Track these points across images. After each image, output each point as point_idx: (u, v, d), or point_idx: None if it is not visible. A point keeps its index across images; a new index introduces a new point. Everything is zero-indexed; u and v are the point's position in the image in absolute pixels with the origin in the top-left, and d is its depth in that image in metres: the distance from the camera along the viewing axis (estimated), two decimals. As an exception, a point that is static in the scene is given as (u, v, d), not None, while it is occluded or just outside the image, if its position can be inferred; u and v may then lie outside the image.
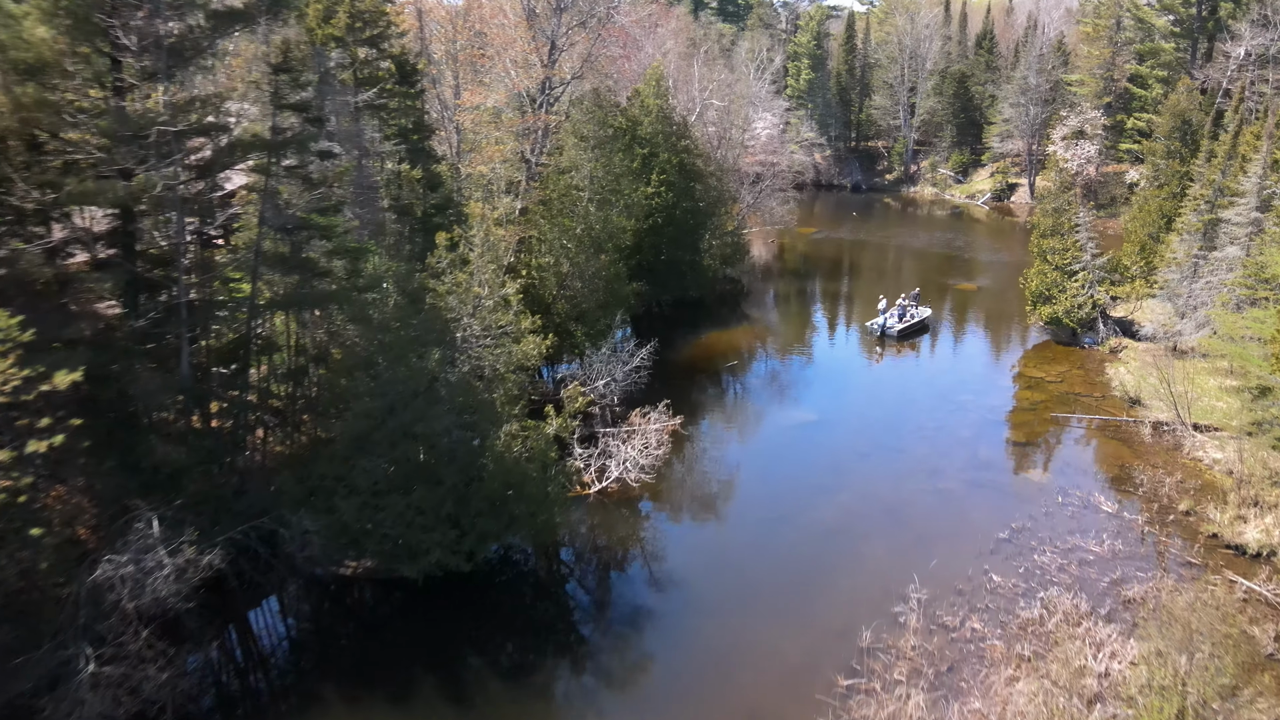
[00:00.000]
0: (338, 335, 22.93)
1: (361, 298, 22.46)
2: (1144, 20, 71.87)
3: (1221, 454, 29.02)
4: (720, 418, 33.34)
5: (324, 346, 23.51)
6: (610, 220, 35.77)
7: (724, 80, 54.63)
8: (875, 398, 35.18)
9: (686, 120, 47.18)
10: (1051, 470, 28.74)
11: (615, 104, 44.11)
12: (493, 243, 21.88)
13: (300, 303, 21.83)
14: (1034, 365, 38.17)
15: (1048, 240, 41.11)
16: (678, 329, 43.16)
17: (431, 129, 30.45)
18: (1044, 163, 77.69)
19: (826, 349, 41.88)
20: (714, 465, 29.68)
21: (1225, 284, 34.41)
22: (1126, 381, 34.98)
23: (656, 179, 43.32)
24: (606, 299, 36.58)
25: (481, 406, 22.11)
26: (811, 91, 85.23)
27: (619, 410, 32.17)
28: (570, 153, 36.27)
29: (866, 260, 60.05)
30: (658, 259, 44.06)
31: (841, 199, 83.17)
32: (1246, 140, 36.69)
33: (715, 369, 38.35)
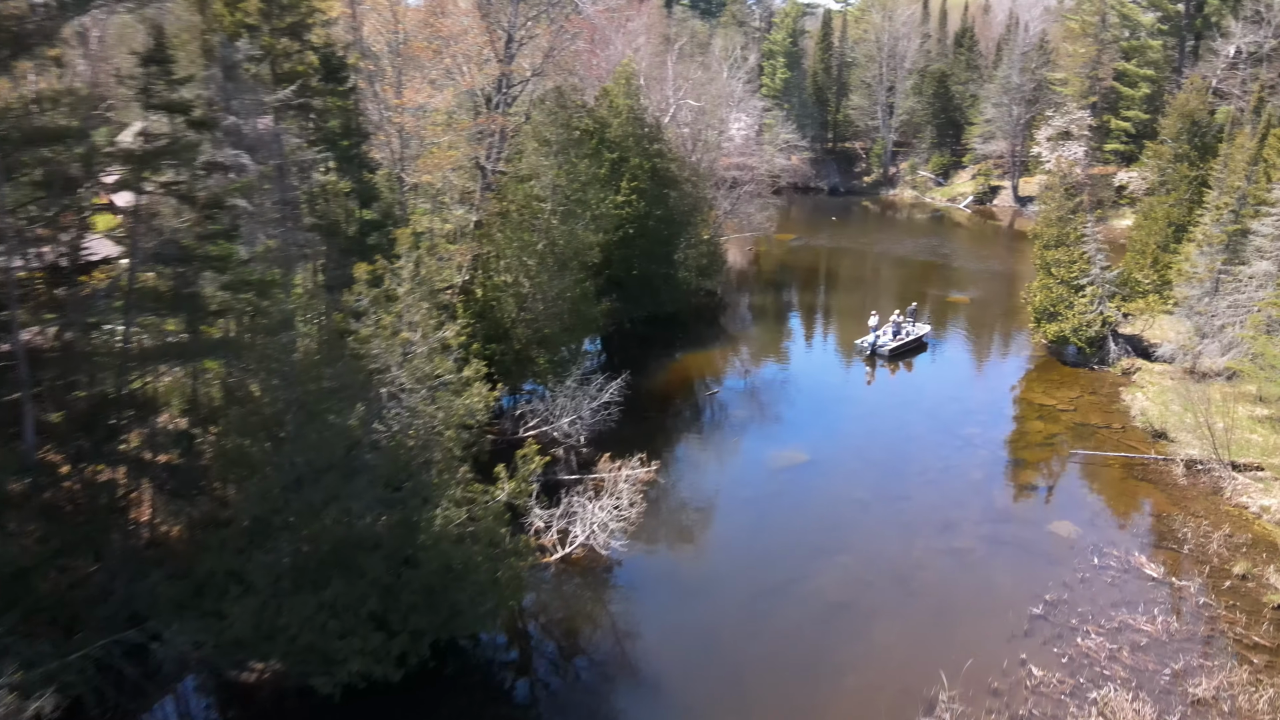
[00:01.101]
0: (236, 390, 18.46)
1: (266, 343, 18.04)
2: (1130, 17, 68.64)
3: (1270, 499, 25.33)
4: (701, 461, 29.17)
5: (220, 404, 19.05)
6: (576, 234, 31.48)
7: (698, 79, 50.49)
8: (872, 431, 31.18)
9: (659, 122, 43.00)
10: (1080, 522, 24.86)
11: (581, 104, 39.79)
12: (426, 276, 17.55)
13: (182, 353, 17.39)
14: (1041, 390, 34.38)
15: (1052, 252, 37.39)
16: (651, 350, 38.98)
17: (366, 133, 26.02)
18: (1028, 165, 74.36)
19: (814, 371, 37.88)
20: (695, 522, 25.51)
21: (1256, 303, 30.78)
22: (1148, 411, 31.26)
23: (627, 186, 39.10)
24: (572, 322, 32.34)
25: (414, 475, 17.82)
26: (787, 91, 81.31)
27: (586, 452, 27.95)
28: (531, 159, 31.96)
29: (848, 269, 56.21)
30: (629, 273, 39.84)
31: (819, 202, 79.39)
32: (1272, 144, 33.13)
33: (693, 398, 34.22)
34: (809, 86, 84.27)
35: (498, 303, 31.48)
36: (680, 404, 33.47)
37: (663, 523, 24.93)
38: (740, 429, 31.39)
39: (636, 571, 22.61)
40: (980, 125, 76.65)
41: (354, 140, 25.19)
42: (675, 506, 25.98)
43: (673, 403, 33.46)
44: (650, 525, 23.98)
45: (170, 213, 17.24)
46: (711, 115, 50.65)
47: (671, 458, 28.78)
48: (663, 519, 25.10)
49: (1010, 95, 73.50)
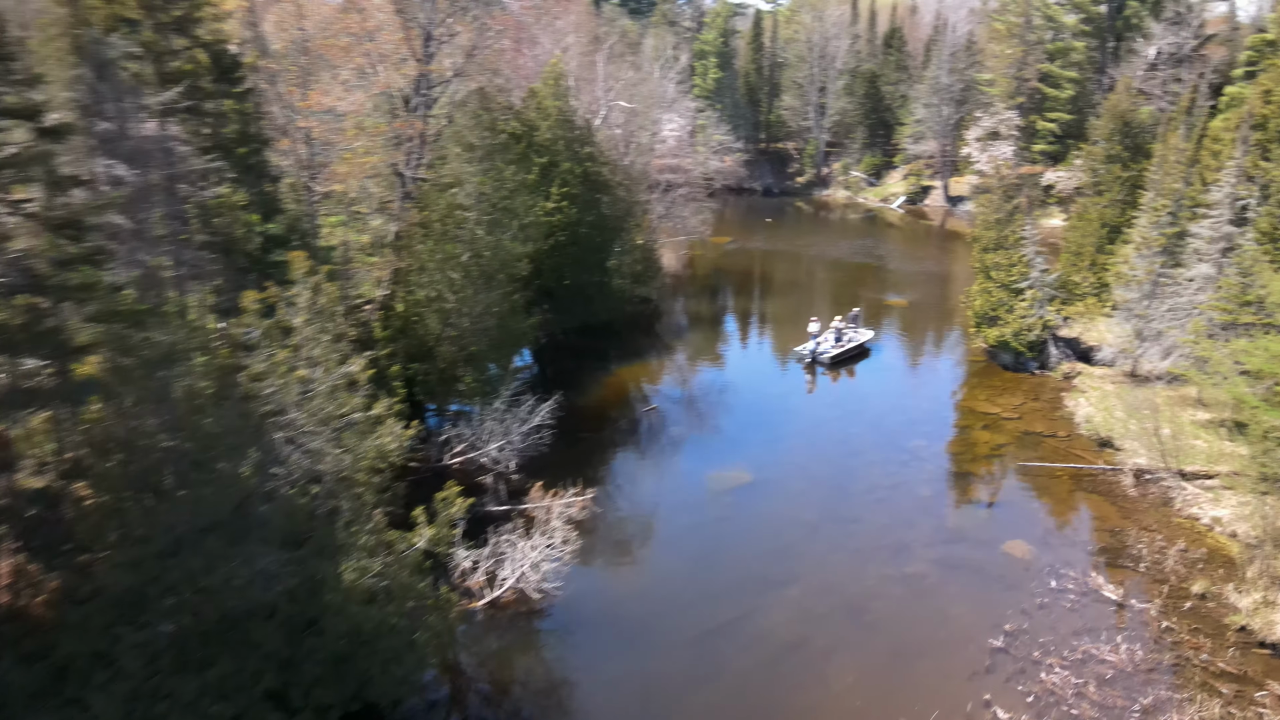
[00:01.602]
0: (108, 438, 16.01)
1: (142, 382, 15.66)
2: (1054, 19, 68.95)
3: (1220, 510, 24.58)
4: (640, 485, 27.37)
5: (89, 454, 16.56)
6: (502, 245, 29.41)
7: (630, 80, 48.71)
8: (817, 445, 29.79)
9: (590, 124, 41.09)
10: (1034, 540, 23.76)
11: (508, 106, 37.74)
12: (326, 304, 15.40)
13: (41, 397, 14.95)
14: (985, 397, 33.45)
15: (991, 255, 36.55)
16: (586, 362, 37.11)
17: (267, 139, 23.62)
18: (958, 165, 74.37)
19: (754, 380, 36.39)
20: (634, 555, 23.74)
21: (1197, 306, 30.21)
22: (1093, 418, 30.48)
23: (557, 192, 37.14)
24: (501, 338, 30.30)
25: (317, 529, 15.68)
26: (720, 91, 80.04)
27: (517, 479, 25.97)
28: (453, 165, 29.78)
29: (784, 272, 55.07)
30: (560, 283, 37.89)
31: (753, 203, 78.33)
32: (1207, 147, 32.70)
33: (630, 414, 32.43)
34: (741, 87, 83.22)
35: (420, 319, 29.30)
36: (617, 422, 31.65)
37: (600, 557, 23.09)
38: (680, 448, 29.71)
39: (572, 613, 20.71)
40: (911, 125, 76.45)
41: (253, 147, 22.81)
42: (613, 538, 24.16)
43: (609, 421, 31.63)
44: (587, 560, 22.12)
45: (22, 235, 14.76)
46: (644, 117, 48.94)
47: (608, 483, 26.95)
48: (599, 553, 23.26)
49: (939, 96, 73.38)
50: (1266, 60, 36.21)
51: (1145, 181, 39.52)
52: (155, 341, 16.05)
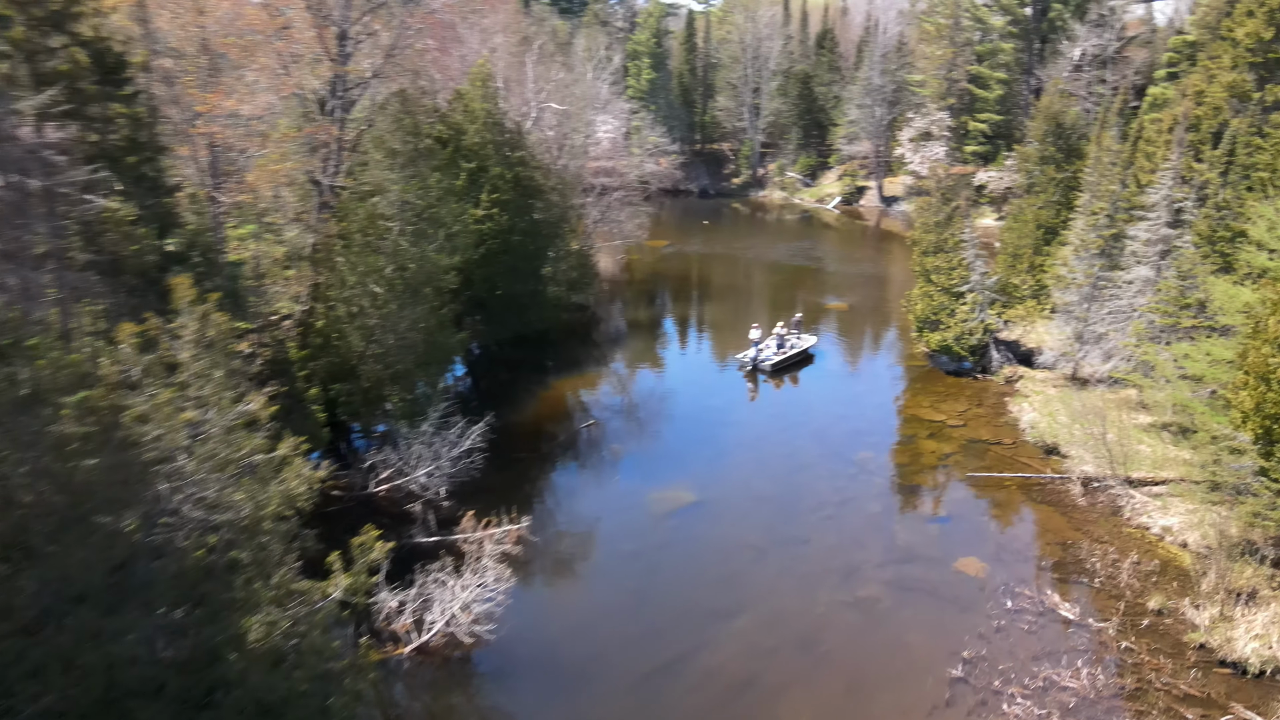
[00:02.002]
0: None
1: (5, 424, 13.64)
2: (982, 20, 69.37)
3: (1170, 519, 24.09)
4: (578, 510, 25.87)
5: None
6: (428, 257, 27.62)
7: (561, 81, 47.11)
8: (761, 460, 28.66)
9: (521, 127, 39.40)
10: (986, 557, 22.93)
11: (434, 109, 35.85)
12: (217, 336, 13.58)
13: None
14: (929, 403, 32.75)
15: (931, 259, 35.94)
16: (521, 376, 35.51)
17: (162, 146, 21.46)
18: (891, 165, 74.43)
19: (695, 391, 35.13)
20: (573, 587, 22.25)
21: (1137, 309, 29.89)
22: (1038, 424, 29.97)
23: (487, 199, 35.39)
24: (429, 354, 28.49)
25: (213, 589, 13.85)
26: (654, 92, 78.87)
27: (448, 507, 24.28)
28: (375, 172, 27.89)
29: (722, 276, 54.04)
30: (492, 293, 36.14)
31: (689, 205, 77.34)
32: (1142, 149, 32.48)
33: (568, 431, 30.89)
34: (675, 88, 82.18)
35: (341, 336, 27.38)
36: (554, 439, 30.09)
37: (536, 592, 21.56)
38: (620, 466, 28.29)
39: (507, 657, 19.14)
40: (844, 126, 76.33)
41: (144, 155, 20.67)
42: (550, 571, 22.65)
43: (546, 439, 30.05)
44: (522, 597, 20.55)
45: None
46: (577, 119, 47.38)
47: (545, 509, 25.43)
48: (536, 587, 21.73)
49: (872, 96, 73.36)
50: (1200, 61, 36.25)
51: (1080, 183, 39.47)
52: (21, 378, 14.04)
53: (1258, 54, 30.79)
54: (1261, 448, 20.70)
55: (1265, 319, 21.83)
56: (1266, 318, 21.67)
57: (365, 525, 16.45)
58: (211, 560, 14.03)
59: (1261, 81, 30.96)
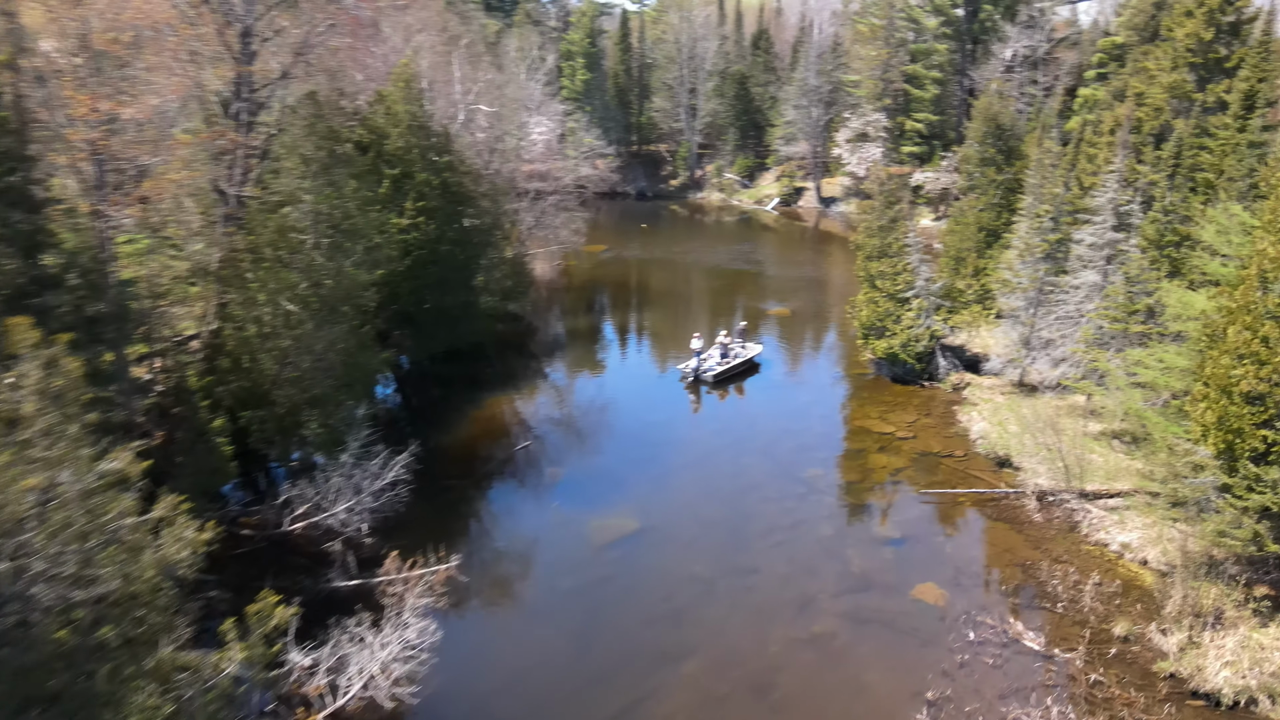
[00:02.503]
0: None
1: None
2: (916, 21, 69.05)
3: (1128, 534, 23.17)
4: (513, 543, 23.96)
5: None
6: (345, 272, 25.42)
7: (492, 81, 44.99)
8: (706, 481, 27.09)
9: (448, 130, 37.23)
10: (945, 583, 21.68)
11: (353, 111, 33.51)
12: (66, 388, 11.40)
13: None
14: (877, 414, 31.57)
15: (875, 264, 34.82)
16: (453, 392, 33.43)
17: (31, 156, 18.98)
18: (829, 166, 73.77)
19: (635, 406, 33.40)
20: (507, 634, 20.29)
21: (1085, 315, 29.08)
22: (988, 434, 28.99)
23: (412, 207, 33.16)
24: (349, 376, 26.29)
25: (73, 678, 11.70)
26: (589, 93, 76.99)
27: (371, 544, 22.23)
28: (286, 180, 25.56)
29: (662, 282, 52.40)
30: (420, 307, 33.93)
31: (627, 207, 75.69)
32: (1085, 151, 31.77)
33: (502, 453, 28.93)
34: (610, 88, 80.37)
35: (252, 359, 25.04)
36: (487, 464, 28.10)
37: (466, 640, 19.62)
38: (557, 491, 26.44)
39: (434, 718, 17.21)
40: (781, 127, 75.42)
41: (10, 166, 18.22)
42: (482, 614, 20.75)
43: (478, 463, 28.05)
44: (451, 646, 18.58)
45: None
46: (509, 121, 45.33)
47: (477, 543, 23.51)
48: (466, 634, 19.79)
49: (808, 97, 72.57)
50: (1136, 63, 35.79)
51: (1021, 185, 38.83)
52: None
53: (1198, 54, 30.26)
54: (1224, 464, 19.81)
55: (1223, 328, 21.00)
56: (1224, 327, 20.83)
57: (263, 591, 14.36)
58: (71, 645, 11.87)
59: (1202, 82, 30.46)
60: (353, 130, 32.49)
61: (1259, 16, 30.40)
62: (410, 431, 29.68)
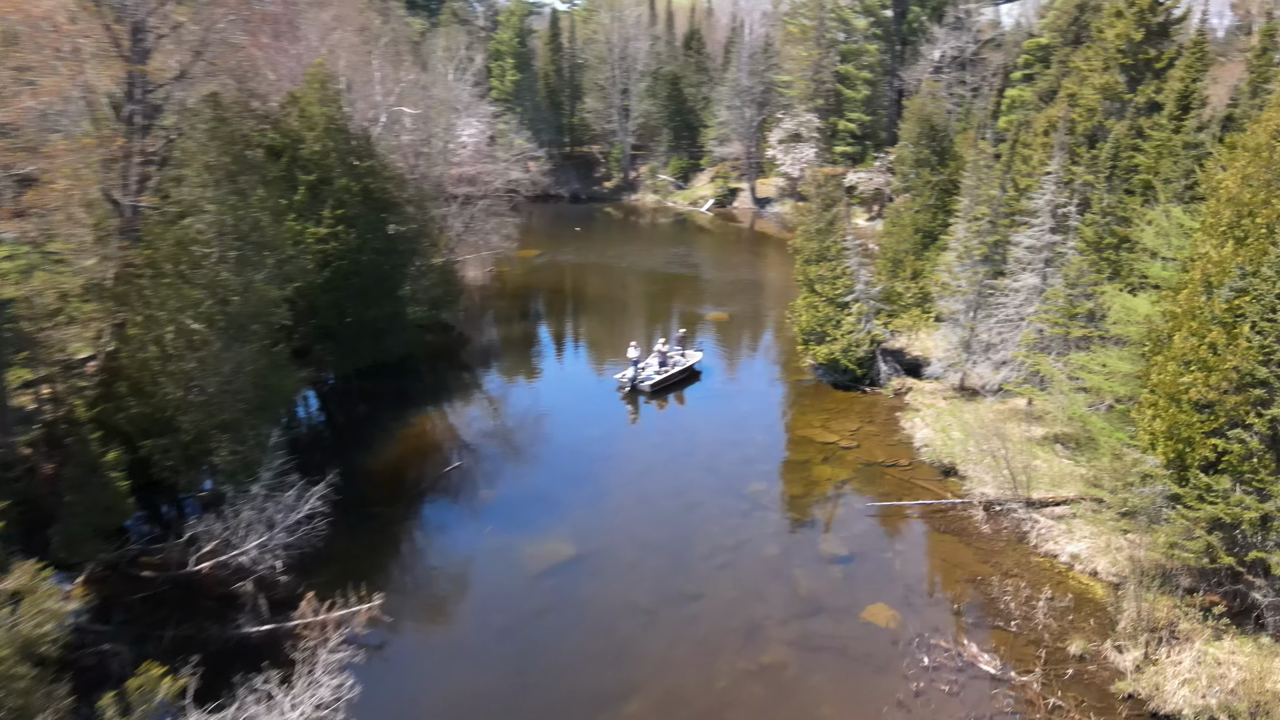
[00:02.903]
0: None
1: None
2: (846, 21, 68.92)
3: (1076, 545, 22.61)
4: (442, 575, 22.37)
5: None
6: (253, 288, 23.49)
7: (416, 82, 43.03)
8: (646, 500, 25.83)
9: (369, 133, 35.26)
10: (896, 602, 20.78)
11: (264, 114, 31.37)
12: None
13: None
14: (819, 423, 30.72)
15: (814, 268, 33.99)
16: (379, 409, 31.62)
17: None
18: (763, 166, 73.24)
19: (570, 419, 31.96)
20: (435, 681, 18.65)
21: (1025, 318, 28.63)
22: (932, 442, 28.33)
23: (330, 215, 31.18)
24: (261, 399, 24.36)
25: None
26: (519, 94, 75.17)
27: (285, 583, 20.47)
28: (187, 189, 23.52)
29: (598, 287, 51.04)
30: (342, 321, 32.00)
31: (560, 210, 74.12)
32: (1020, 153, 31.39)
33: (431, 475, 27.25)
34: (541, 89, 78.61)
35: (153, 383, 22.95)
36: (415, 487, 26.38)
37: (390, 689, 17.97)
38: (490, 515, 24.89)
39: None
40: (715, 128, 74.69)
41: None
42: (408, 658, 19.11)
43: (405, 487, 26.32)
44: (373, 697, 16.95)
45: None
46: (435, 123, 43.44)
47: (403, 578, 21.87)
48: (390, 681, 18.15)
49: (741, 97, 71.95)
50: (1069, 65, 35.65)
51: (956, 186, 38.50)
52: None
53: (1128, 55, 30.07)
54: (1174, 473, 19.29)
55: (1168, 333, 20.51)
56: (1170, 333, 20.34)
57: (145, 663, 12.61)
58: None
59: (1133, 83, 30.29)
60: (264, 134, 30.41)
61: (1188, 16, 30.39)
62: (333, 454, 27.86)
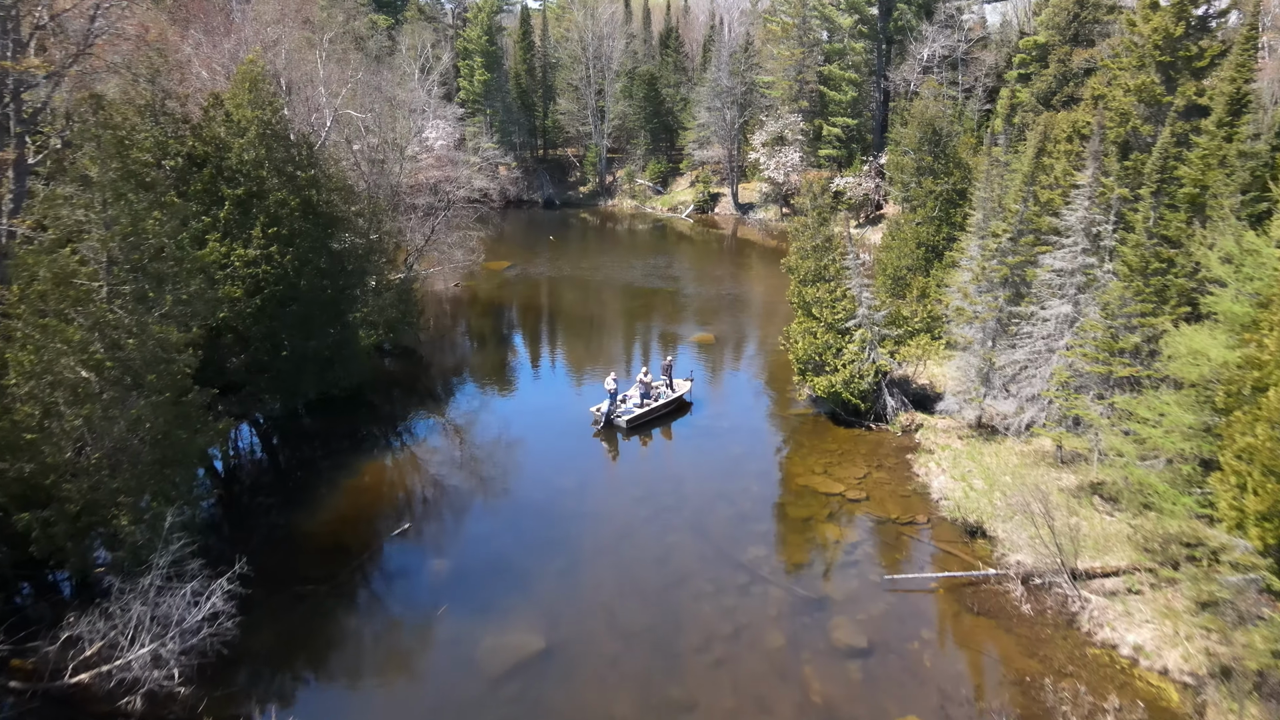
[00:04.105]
0: None
1: None
2: (830, 19, 65.18)
3: (1137, 633, 18.83)
4: (382, 679, 18.15)
5: None
6: (150, 330, 19.21)
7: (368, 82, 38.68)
8: (626, 572, 21.79)
9: (309, 140, 30.93)
10: (930, 715, 16.89)
11: (182, 119, 26.94)
12: None
13: None
14: (821, 467, 26.84)
15: (811, 289, 30.13)
16: (323, 453, 27.52)
17: None
18: (746, 170, 69.39)
19: (541, 466, 27.79)
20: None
21: (1057, 350, 24.86)
22: (951, 494, 24.53)
23: (261, 235, 26.88)
24: (166, 456, 20.09)
25: None
26: (489, 95, 70.92)
27: (185, 695, 16.30)
28: (67, 210, 19.23)
29: (573, 304, 46.93)
30: (277, 354, 27.71)
31: (534, 217, 70.00)
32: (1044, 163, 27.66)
33: (375, 540, 23.03)
34: (512, 89, 74.30)
35: (28, 444, 18.66)
36: (355, 556, 22.15)
37: None
38: (442, 592, 20.70)
39: None
40: (694, 130, 70.79)
41: None
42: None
43: (345, 555, 22.07)
44: None
45: None
46: (391, 128, 39.12)
47: (334, 682, 17.66)
48: None
49: (721, 99, 68.09)
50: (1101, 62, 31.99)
51: (962, 195, 34.82)
52: None
53: (1165, 52, 26.38)
54: (1273, 563, 15.56)
55: (1252, 384, 16.78)
56: (1257, 383, 16.60)
57: None
58: None
59: (1170, 83, 26.62)
60: (182, 141, 26.07)
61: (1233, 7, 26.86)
62: (262, 516, 23.66)
